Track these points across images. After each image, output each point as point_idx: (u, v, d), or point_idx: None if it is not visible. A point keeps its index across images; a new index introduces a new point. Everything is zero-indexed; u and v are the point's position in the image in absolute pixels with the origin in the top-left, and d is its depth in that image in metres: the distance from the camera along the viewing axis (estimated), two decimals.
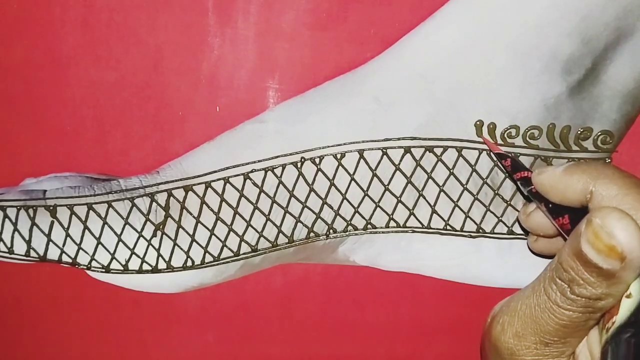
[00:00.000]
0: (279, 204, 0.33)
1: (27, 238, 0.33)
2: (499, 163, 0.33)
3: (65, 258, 0.33)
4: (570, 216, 0.26)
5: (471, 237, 0.34)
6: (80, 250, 0.33)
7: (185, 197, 0.33)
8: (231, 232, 0.34)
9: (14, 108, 0.34)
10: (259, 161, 0.33)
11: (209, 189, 0.33)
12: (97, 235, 0.33)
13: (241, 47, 0.32)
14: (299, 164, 0.33)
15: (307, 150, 0.33)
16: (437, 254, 0.35)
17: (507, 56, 0.31)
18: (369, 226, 0.34)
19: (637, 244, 0.21)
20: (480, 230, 0.34)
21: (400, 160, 0.33)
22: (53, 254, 0.33)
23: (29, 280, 0.37)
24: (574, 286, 0.22)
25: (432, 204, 0.34)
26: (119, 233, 0.33)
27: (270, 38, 0.32)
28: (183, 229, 0.33)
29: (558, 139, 0.33)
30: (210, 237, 0.34)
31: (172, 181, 0.33)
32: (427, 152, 0.33)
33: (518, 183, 0.31)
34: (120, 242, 0.33)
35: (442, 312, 0.37)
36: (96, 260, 0.34)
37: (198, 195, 0.33)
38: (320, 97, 0.33)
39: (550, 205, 0.28)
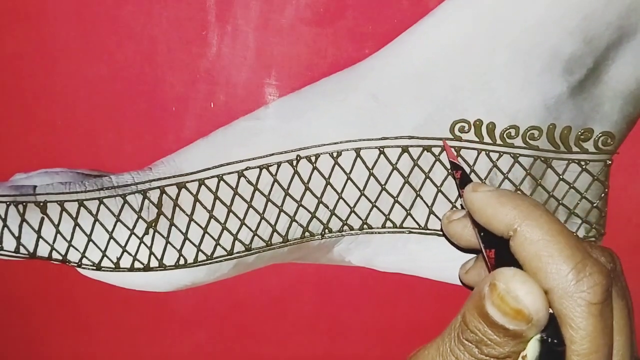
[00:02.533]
0: (273, 203, 0.33)
1: (16, 234, 0.32)
2: (454, 172, 0.32)
3: (55, 255, 0.33)
4: (496, 252, 0.26)
5: None
6: (71, 247, 0.33)
7: (178, 195, 0.33)
8: (225, 231, 0.33)
9: (4, 102, 0.33)
10: (253, 159, 0.32)
11: (203, 186, 0.32)
12: (88, 232, 0.33)
13: (237, 42, 0.32)
14: (294, 162, 0.32)
15: (303, 148, 0.32)
16: (433, 256, 0.35)
17: (507, 55, 0.31)
18: (365, 226, 0.34)
19: (541, 305, 0.22)
20: None
21: (398, 160, 0.32)
22: (43, 250, 0.33)
23: (19, 277, 0.36)
24: (482, 346, 0.23)
25: (429, 205, 0.33)
26: (110, 230, 0.33)
27: (266, 33, 0.32)
28: (176, 226, 0.33)
29: (558, 140, 0.32)
30: (203, 236, 0.33)
31: (165, 178, 0.32)
32: (425, 151, 0.32)
33: (462, 198, 0.30)
34: (112, 240, 0.33)
35: (438, 314, 0.37)
36: (87, 258, 0.33)
37: (191, 193, 0.33)
38: (317, 94, 0.32)
39: (482, 234, 0.27)
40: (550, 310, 0.23)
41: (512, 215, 0.24)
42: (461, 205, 0.33)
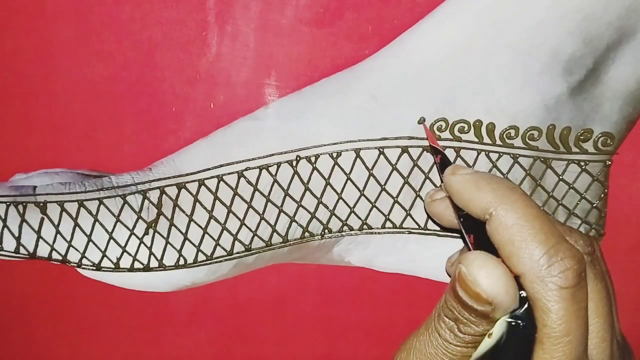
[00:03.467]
0: (273, 203, 0.33)
1: (16, 234, 0.32)
2: (434, 156, 0.32)
3: (55, 255, 0.33)
4: (475, 236, 0.26)
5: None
6: (71, 248, 0.33)
7: (178, 195, 0.33)
8: (224, 231, 0.33)
9: (4, 102, 0.33)
10: (253, 159, 0.32)
11: (203, 186, 0.32)
12: (88, 233, 0.33)
13: (237, 42, 0.32)
14: (294, 163, 0.32)
15: (302, 148, 0.32)
16: (433, 256, 0.35)
17: (507, 55, 0.31)
18: (364, 226, 0.34)
19: (501, 289, 0.23)
20: None
21: (397, 160, 0.32)
22: (43, 251, 0.33)
23: (19, 277, 0.36)
24: (459, 324, 0.24)
25: None
26: (110, 230, 0.33)
27: (266, 34, 0.32)
28: (175, 227, 0.33)
29: (558, 141, 0.32)
30: (203, 236, 0.33)
31: (165, 178, 0.32)
32: (425, 152, 0.32)
33: (443, 183, 0.29)
34: (112, 240, 0.33)
35: None
36: (87, 258, 0.33)
37: (191, 193, 0.33)
38: (317, 94, 0.32)
39: (462, 220, 0.27)
40: (523, 294, 0.23)
41: (489, 198, 0.25)
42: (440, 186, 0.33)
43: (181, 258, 0.33)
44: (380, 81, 0.32)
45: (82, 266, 0.33)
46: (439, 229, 0.34)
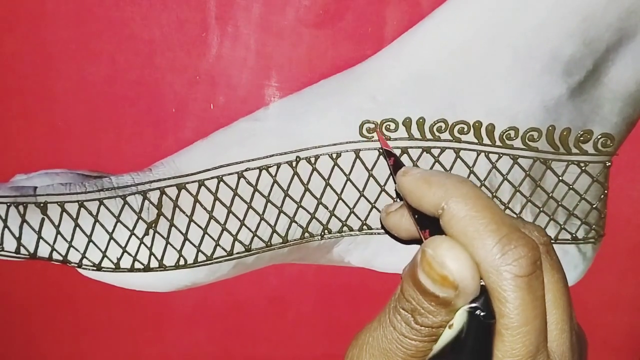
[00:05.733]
0: (273, 204, 0.33)
1: (17, 235, 0.32)
2: (387, 159, 0.31)
3: (55, 255, 0.33)
4: (430, 231, 0.26)
5: None
6: (71, 248, 0.33)
7: (178, 196, 0.33)
8: (224, 232, 0.33)
9: (4, 102, 0.33)
10: (253, 160, 0.32)
11: (203, 187, 0.32)
12: (88, 233, 0.33)
13: (237, 43, 0.32)
14: (294, 163, 0.32)
15: (302, 149, 0.32)
16: None
17: (507, 56, 0.31)
18: (364, 227, 0.34)
19: (467, 273, 0.22)
20: None
21: None
22: (43, 251, 0.33)
23: (19, 277, 0.36)
24: (416, 316, 0.23)
25: None
26: (110, 231, 0.33)
27: (266, 35, 0.32)
28: (176, 227, 0.33)
29: (558, 142, 0.32)
30: (203, 236, 0.33)
31: (165, 179, 0.33)
32: (425, 152, 0.32)
33: (396, 185, 0.29)
34: (112, 240, 0.33)
35: None
36: (87, 258, 0.33)
37: (191, 194, 0.33)
38: (317, 95, 0.32)
39: (417, 216, 0.27)
40: (482, 283, 0.22)
41: (440, 193, 0.24)
42: (395, 191, 0.33)
43: (181, 258, 0.33)
44: (380, 82, 0.32)
45: (83, 266, 0.33)
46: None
